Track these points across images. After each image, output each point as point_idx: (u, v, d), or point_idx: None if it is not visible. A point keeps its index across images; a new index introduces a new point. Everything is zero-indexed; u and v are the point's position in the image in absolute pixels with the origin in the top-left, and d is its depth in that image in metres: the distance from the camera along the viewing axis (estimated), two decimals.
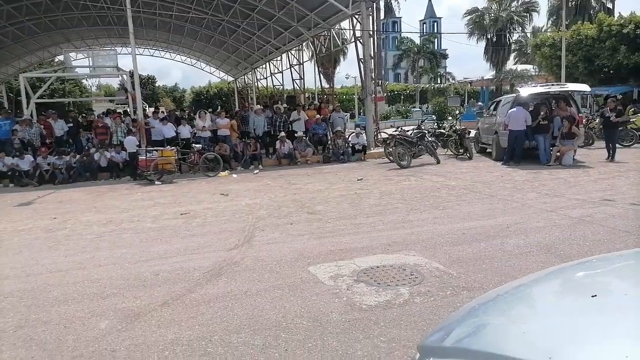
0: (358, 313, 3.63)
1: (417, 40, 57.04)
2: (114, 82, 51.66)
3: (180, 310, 3.81)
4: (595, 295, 1.26)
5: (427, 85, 53.66)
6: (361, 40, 16.81)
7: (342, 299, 3.90)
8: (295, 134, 15.15)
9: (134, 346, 3.22)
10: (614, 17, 23.24)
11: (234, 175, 12.91)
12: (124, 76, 18.64)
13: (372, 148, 16.18)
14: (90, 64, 18.20)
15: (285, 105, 19.18)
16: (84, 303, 4.05)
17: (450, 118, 17.98)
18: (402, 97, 50.32)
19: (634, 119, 16.10)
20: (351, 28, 17.84)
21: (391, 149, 13.30)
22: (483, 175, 10.66)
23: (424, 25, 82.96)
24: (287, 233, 6.22)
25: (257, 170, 13.63)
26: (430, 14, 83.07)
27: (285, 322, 3.51)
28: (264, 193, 9.67)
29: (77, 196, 10.61)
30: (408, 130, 14.38)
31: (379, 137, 17.08)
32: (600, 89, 20.23)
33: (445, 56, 61.50)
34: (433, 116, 24.58)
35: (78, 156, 13.86)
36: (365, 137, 16.01)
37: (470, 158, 13.79)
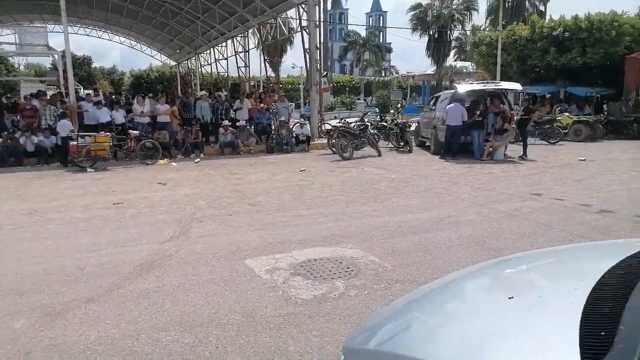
0: (293, 307, 3.61)
1: (363, 33, 57.71)
2: (46, 62, 48.41)
3: (106, 307, 3.63)
4: (512, 297, 1.30)
5: (372, 78, 54.52)
6: (307, 30, 16.73)
7: (278, 293, 3.88)
8: (238, 123, 14.88)
9: (52, 346, 3.03)
10: (545, 19, 24.54)
11: (174, 164, 12.51)
12: (55, 56, 17.48)
13: (316, 139, 16.21)
14: (17, 41, 16.94)
15: (226, 93, 18.76)
16: None
17: (392, 111, 18.34)
18: (347, 88, 50.88)
19: (559, 117, 17.16)
20: (298, 17, 17.69)
21: (334, 141, 13.38)
22: (421, 168, 10.97)
23: (370, 18, 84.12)
24: (226, 224, 6.10)
25: (198, 159, 13.28)
26: (377, 7, 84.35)
27: (218, 318, 3.44)
28: (204, 183, 9.43)
29: None
30: (351, 123, 14.51)
31: (323, 128, 17.13)
32: (531, 88, 21.32)
33: (389, 50, 62.75)
34: (376, 109, 24.98)
35: (1, 140, 12.88)
36: (309, 128, 16.00)
37: (410, 151, 14.14)
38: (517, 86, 14.15)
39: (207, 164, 12.42)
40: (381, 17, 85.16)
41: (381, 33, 71.99)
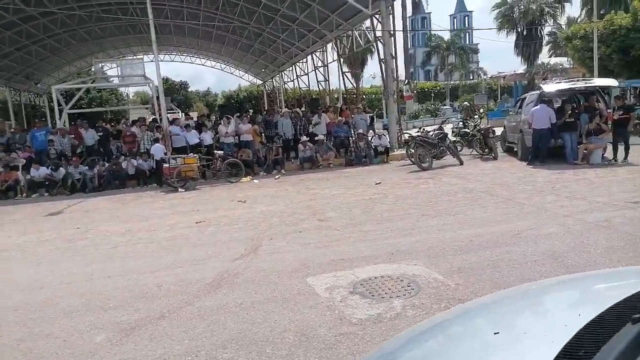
0: (347, 327, 3.62)
1: (447, 36, 56.15)
2: (149, 90, 53.08)
3: (175, 324, 3.90)
4: (498, 333, 1.24)
5: (458, 82, 52.72)
6: (382, 40, 16.68)
7: (334, 312, 3.90)
8: (316, 137, 15.18)
9: None
10: None
11: (255, 181, 13.06)
12: (151, 84, 19.15)
13: (395, 149, 16.03)
14: (119, 73, 18.85)
15: (303, 108, 19.25)
16: (86, 315, 4.20)
17: (475, 117, 17.57)
18: (433, 94, 49.66)
19: None
20: (372, 28, 17.72)
21: (412, 151, 13.14)
22: (504, 176, 10.39)
23: (455, 20, 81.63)
24: (295, 242, 6.26)
25: (279, 175, 13.74)
26: (461, 8, 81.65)
27: (273, 336, 3.54)
28: (281, 199, 9.74)
29: (103, 205, 10.99)
30: (430, 131, 14.17)
31: (402, 138, 16.89)
32: (637, 81, 19.30)
33: (475, 51, 60.29)
34: (459, 115, 24.13)
35: (107, 165, 14.35)
36: (387, 139, 15.88)
37: (495, 158, 13.46)
38: (611, 82, 12.87)
39: (286, 180, 12.81)
40: (466, 18, 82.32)
41: (467, 34, 69.58)
